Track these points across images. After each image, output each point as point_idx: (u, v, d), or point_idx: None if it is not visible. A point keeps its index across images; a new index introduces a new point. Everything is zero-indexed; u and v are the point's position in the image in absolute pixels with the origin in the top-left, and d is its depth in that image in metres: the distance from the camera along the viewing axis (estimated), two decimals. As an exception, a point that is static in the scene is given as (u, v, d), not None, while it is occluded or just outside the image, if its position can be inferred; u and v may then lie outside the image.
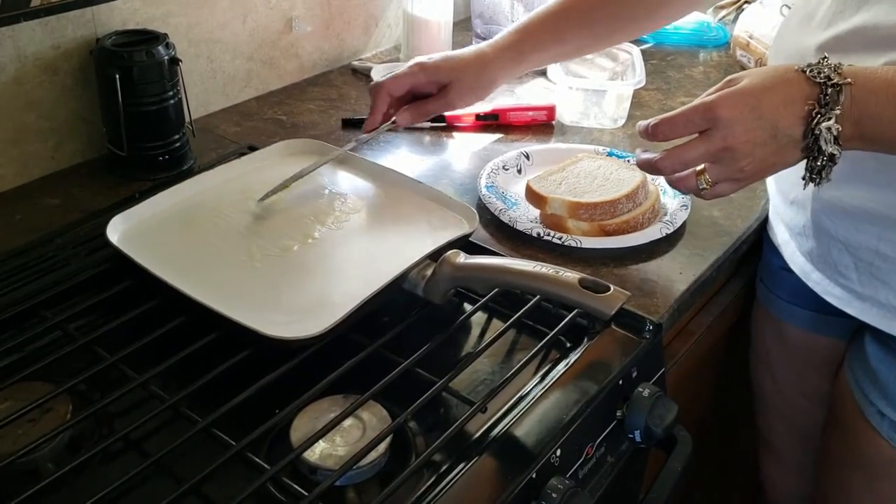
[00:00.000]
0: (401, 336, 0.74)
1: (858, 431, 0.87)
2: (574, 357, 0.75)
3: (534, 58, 0.97)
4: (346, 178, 0.95)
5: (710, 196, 0.72)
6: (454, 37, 1.40)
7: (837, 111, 0.64)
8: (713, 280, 0.90)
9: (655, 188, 0.96)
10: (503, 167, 1.04)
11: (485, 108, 1.19)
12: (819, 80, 0.65)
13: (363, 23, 1.38)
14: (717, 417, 1.20)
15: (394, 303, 0.78)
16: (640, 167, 0.75)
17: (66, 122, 1.01)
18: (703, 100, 0.69)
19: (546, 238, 0.90)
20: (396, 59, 1.39)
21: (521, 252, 0.90)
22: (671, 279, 0.86)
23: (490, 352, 0.75)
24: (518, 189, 1.00)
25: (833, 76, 0.65)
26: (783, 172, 0.72)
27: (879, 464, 0.86)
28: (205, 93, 1.17)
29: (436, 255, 0.76)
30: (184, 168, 1.03)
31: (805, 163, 0.67)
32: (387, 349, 0.72)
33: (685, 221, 0.94)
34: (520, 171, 1.05)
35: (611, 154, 1.05)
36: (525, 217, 0.94)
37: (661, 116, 0.71)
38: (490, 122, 1.18)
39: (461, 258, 0.74)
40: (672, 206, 0.96)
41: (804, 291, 0.91)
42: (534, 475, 0.63)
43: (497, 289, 0.79)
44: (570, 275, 0.69)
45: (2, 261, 0.83)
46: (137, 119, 0.97)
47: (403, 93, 0.93)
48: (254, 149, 1.01)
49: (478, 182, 1.00)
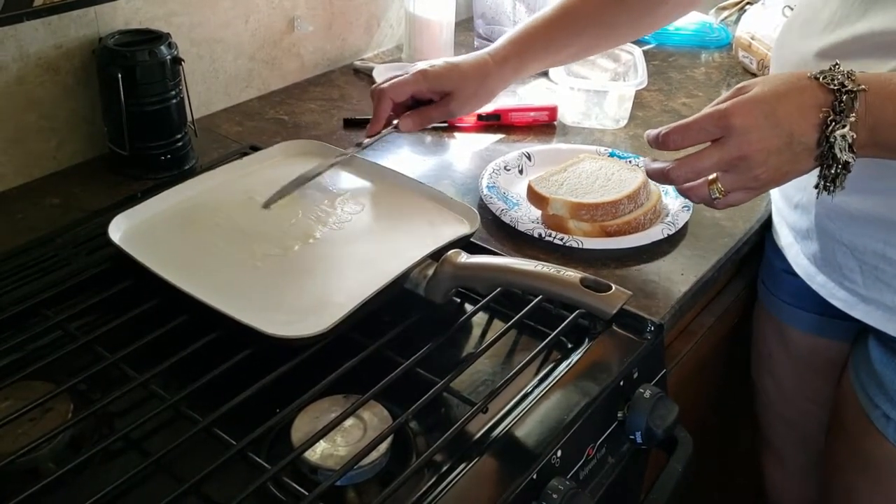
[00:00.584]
0: (402, 336, 0.74)
1: (863, 435, 0.87)
2: (575, 358, 0.75)
3: (534, 66, 0.98)
4: (348, 179, 0.95)
5: (724, 205, 0.71)
6: (456, 37, 1.40)
7: (852, 118, 0.63)
8: (714, 281, 0.90)
9: (657, 189, 0.96)
10: (504, 167, 1.04)
11: (486, 109, 1.19)
12: (833, 87, 0.64)
13: (365, 23, 1.39)
14: (719, 418, 1.20)
15: (395, 302, 0.78)
16: (651, 177, 0.73)
17: (68, 122, 1.01)
18: (717, 107, 0.67)
19: (547, 239, 0.90)
20: (398, 59, 1.39)
21: (523, 252, 0.90)
22: (672, 280, 0.86)
23: (491, 352, 0.75)
24: (519, 189, 1.00)
25: (847, 83, 0.64)
26: None
27: (885, 466, 0.86)
28: (207, 92, 1.17)
29: (437, 255, 0.76)
30: (185, 168, 1.03)
31: (819, 171, 0.66)
32: (388, 349, 0.72)
33: (687, 222, 0.94)
34: (521, 172, 1.05)
35: (612, 155, 1.05)
36: (526, 217, 0.94)
37: (673, 125, 0.69)
38: (492, 123, 1.18)
39: (462, 258, 0.74)
40: (674, 207, 0.96)
41: (807, 294, 0.91)
42: (534, 476, 0.63)
43: (498, 289, 0.79)
44: (572, 274, 0.69)
45: (3, 260, 0.83)
46: (139, 118, 0.98)
47: (405, 99, 0.93)
48: (256, 149, 1.01)
49: (479, 182, 1.00)
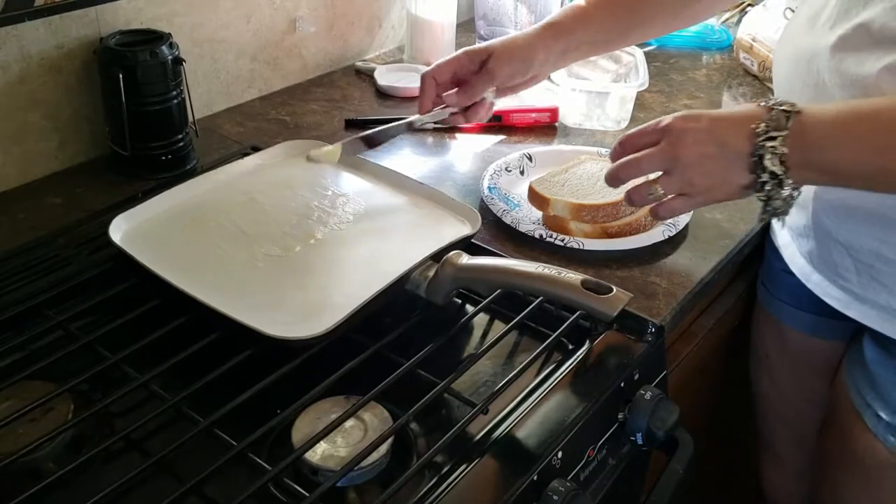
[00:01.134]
0: (403, 337, 0.74)
1: (855, 434, 0.87)
2: (576, 359, 0.75)
3: (573, 39, 0.94)
4: (349, 179, 0.95)
5: (665, 212, 0.74)
6: (457, 38, 1.40)
7: (784, 133, 0.65)
8: (715, 283, 0.90)
9: None
10: (506, 168, 1.04)
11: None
12: (769, 106, 0.67)
13: (367, 24, 1.39)
14: (719, 420, 1.20)
15: (396, 304, 0.78)
16: (606, 181, 0.77)
17: (70, 122, 1.01)
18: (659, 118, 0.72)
19: (549, 240, 0.90)
20: (400, 61, 1.39)
21: (524, 253, 0.90)
22: (673, 281, 0.86)
23: (492, 353, 0.75)
24: (521, 190, 1.00)
25: (785, 105, 0.67)
26: None
27: (874, 466, 0.86)
28: (208, 93, 1.17)
29: (438, 256, 0.76)
30: (187, 168, 1.03)
31: (755, 184, 0.68)
32: (389, 350, 0.72)
33: (688, 224, 0.94)
34: (522, 173, 1.05)
35: None
36: (528, 218, 0.94)
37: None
38: (493, 124, 1.18)
39: (463, 259, 0.74)
40: None
41: (804, 294, 0.91)
42: (535, 477, 0.63)
43: (499, 290, 0.79)
44: (573, 276, 0.69)
45: (4, 260, 0.83)
46: (141, 119, 0.98)
47: (448, 77, 0.93)
48: (257, 149, 1.01)
49: (480, 183, 1.00)
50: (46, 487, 0.58)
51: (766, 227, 0.98)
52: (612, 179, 0.75)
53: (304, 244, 0.83)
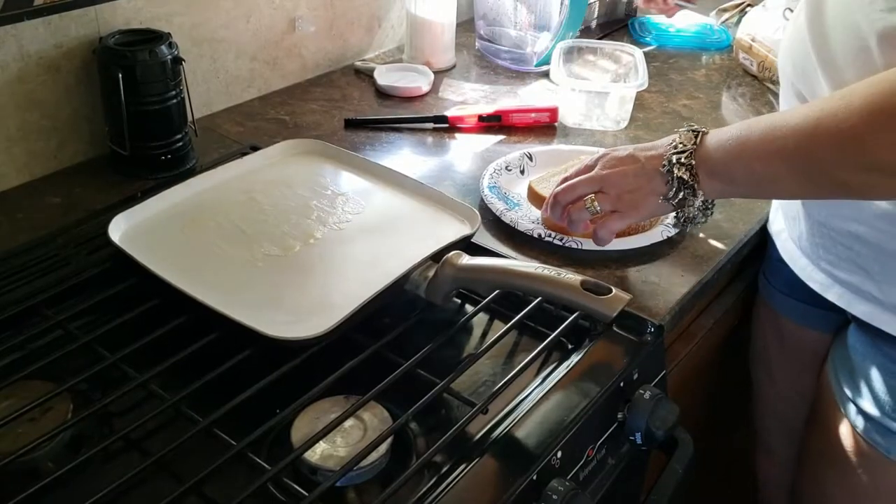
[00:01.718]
0: (402, 337, 0.74)
1: (835, 426, 0.87)
2: (575, 359, 0.75)
3: None
4: (349, 179, 0.95)
5: (604, 233, 0.83)
6: (457, 38, 1.40)
7: (691, 148, 0.77)
8: (714, 282, 0.90)
9: None
10: (506, 167, 1.04)
11: (487, 110, 1.19)
12: (681, 131, 0.79)
13: (366, 23, 1.39)
14: (719, 420, 1.20)
15: (395, 304, 0.78)
16: (548, 210, 0.87)
17: (69, 121, 1.01)
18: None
19: (548, 240, 0.90)
20: (399, 60, 1.39)
21: (523, 253, 0.90)
22: (673, 281, 0.86)
23: (491, 353, 0.75)
24: (521, 190, 1.00)
25: (695, 127, 0.78)
26: None
27: (853, 459, 0.86)
28: (207, 92, 1.17)
29: (437, 257, 0.76)
30: (186, 167, 1.03)
31: (671, 194, 0.78)
32: (388, 350, 0.72)
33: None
34: (522, 172, 1.05)
35: None
36: (527, 218, 0.94)
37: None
38: (492, 124, 1.18)
39: (463, 259, 0.74)
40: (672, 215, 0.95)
41: (796, 282, 0.91)
42: (534, 477, 0.63)
43: (498, 290, 0.79)
44: (572, 277, 0.69)
45: (3, 259, 0.83)
46: (140, 118, 0.97)
47: None
48: (256, 149, 1.01)
49: (480, 182, 1.00)
50: (45, 487, 0.58)
51: (765, 228, 0.98)
52: (553, 206, 0.85)
53: (304, 244, 0.83)
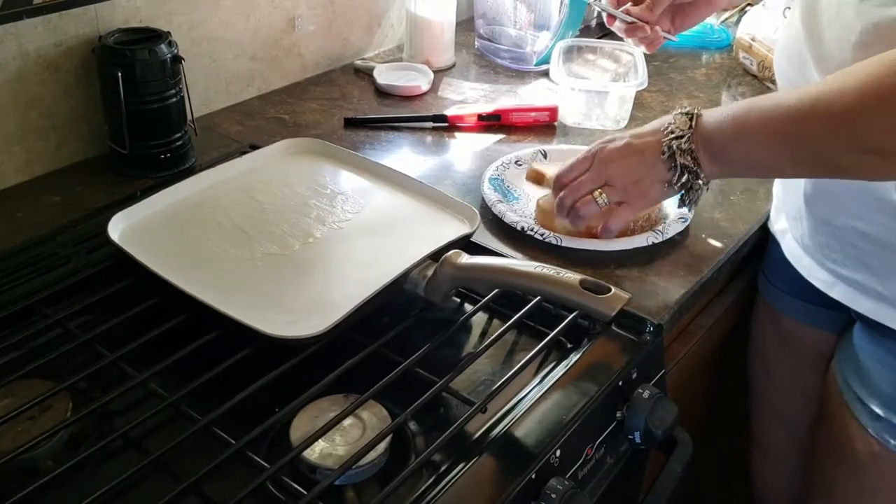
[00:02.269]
0: (401, 336, 0.74)
1: (843, 424, 0.87)
2: (574, 358, 0.75)
3: None
4: (348, 178, 0.95)
5: (615, 223, 0.84)
6: (457, 37, 1.40)
7: (688, 132, 0.77)
8: (714, 282, 0.90)
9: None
10: (515, 162, 1.04)
11: (487, 109, 1.19)
12: (673, 114, 0.78)
13: (366, 22, 1.38)
14: (718, 419, 1.20)
15: (394, 303, 0.78)
16: (556, 213, 0.87)
17: (68, 120, 1.01)
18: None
19: (541, 238, 0.90)
20: (399, 59, 1.39)
21: (523, 252, 0.90)
22: (672, 281, 0.86)
23: (490, 352, 0.75)
24: (527, 185, 1.01)
25: (687, 109, 0.78)
26: None
27: (863, 457, 0.86)
28: (207, 91, 1.17)
29: (437, 256, 0.76)
30: (185, 166, 1.03)
31: (675, 177, 0.78)
32: (387, 349, 0.72)
33: (688, 225, 0.94)
34: None
35: None
36: (516, 212, 0.94)
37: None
38: (492, 123, 1.18)
39: (462, 258, 0.74)
40: (671, 216, 0.95)
41: (798, 280, 0.91)
42: (533, 476, 0.63)
43: (498, 289, 0.79)
44: (571, 276, 0.69)
45: (3, 258, 0.83)
46: (139, 117, 0.97)
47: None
48: (255, 148, 1.01)
49: (483, 174, 1.00)
50: (44, 485, 0.58)
51: (765, 227, 0.98)
52: (560, 208, 0.85)
53: (303, 243, 0.83)
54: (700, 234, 0.94)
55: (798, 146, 0.70)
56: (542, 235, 0.90)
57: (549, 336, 0.75)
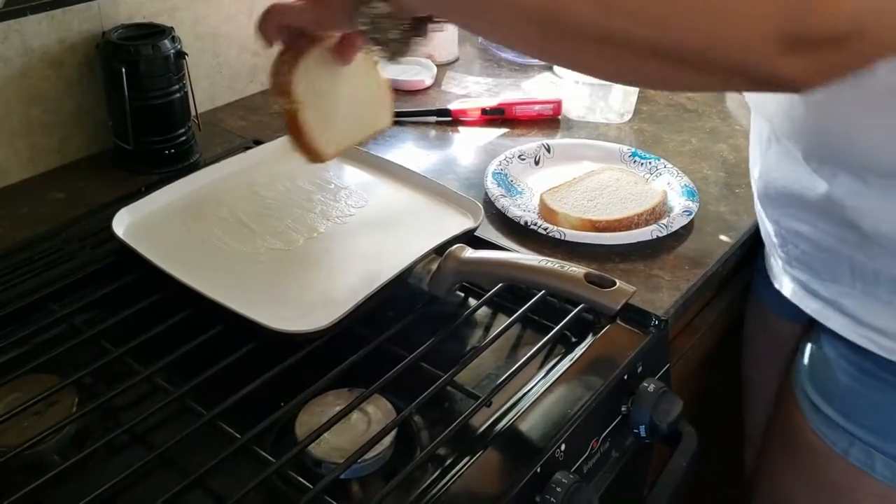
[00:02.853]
0: (406, 330, 0.74)
1: (790, 415, 0.88)
2: (579, 352, 0.75)
3: None
4: (352, 173, 0.95)
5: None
6: (460, 31, 1.39)
7: None
8: (719, 275, 0.90)
9: (663, 192, 0.96)
10: (519, 156, 1.04)
11: (491, 103, 1.19)
12: None
13: (369, 17, 1.38)
14: (722, 413, 1.20)
15: (399, 297, 0.78)
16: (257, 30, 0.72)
17: (72, 116, 1.01)
18: None
19: (544, 232, 0.90)
20: (402, 54, 1.39)
21: (526, 247, 0.89)
22: (677, 275, 0.86)
23: (495, 346, 0.75)
24: (531, 180, 1.00)
25: None
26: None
27: (801, 448, 0.87)
28: (211, 87, 1.17)
29: (441, 250, 0.76)
30: (189, 162, 1.03)
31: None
32: (392, 343, 0.72)
33: (693, 218, 0.94)
34: (537, 163, 1.05)
35: (634, 155, 1.04)
36: (520, 206, 0.94)
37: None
38: (496, 117, 1.18)
39: (466, 253, 0.74)
40: (676, 210, 0.95)
41: None
42: (538, 469, 0.63)
43: (502, 283, 0.79)
44: (576, 269, 0.69)
45: (8, 254, 0.83)
46: (143, 113, 0.98)
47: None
48: (259, 143, 1.01)
49: (488, 168, 1.00)
50: (51, 480, 0.59)
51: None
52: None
53: (307, 237, 0.83)
54: (705, 228, 0.94)
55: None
56: (546, 230, 0.90)
57: (554, 330, 0.75)
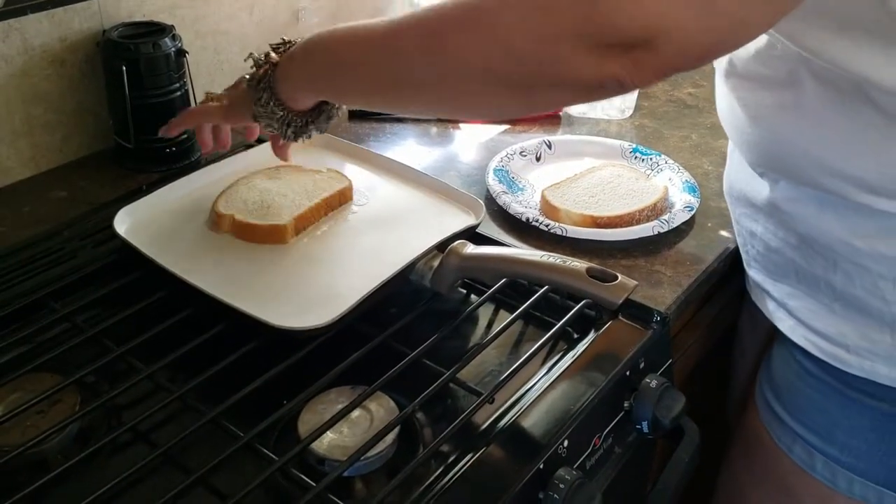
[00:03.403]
0: (408, 327, 0.74)
1: (747, 407, 0.88)
2: (581, 348, 0.75)
3: None
4: (353, 170, 0.95)
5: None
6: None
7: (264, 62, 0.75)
8: (721, 271, 0.90)
9: (664, 188, 0.96)
10: (520, 153, 1.04)
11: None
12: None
13: (370, 14, 1.38)
14: (725, 409, 1.20)
15: (401, 294, 0.78)
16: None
17: (73, 115, 1.01)
18: None
19: (545, 228, 0.90)
20: (403, 51, 1.39)
21: (528, 243, 0.89)
22: (679, 270, 0.86)
23: (497, 343, 0.75)
24: (532, 176, 1.00)
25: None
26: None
27: (751, 440, 0.87)
28: (212, 85, 1.16)
29: (443, 246, 0.76)
30: (191, 160, 1.03)
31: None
32: (394, 340, 0.72)
33: (694, 214, 0.93)
34: (538, 159, 1.05)
35: (636, 151, 1.04)
36: (522, 203, 0.94)
37: None
38: (497, 114, 1.18)
39: (468, 249, 0.74)
40: (677, 206, 0.95)
41: None
42: (541, 466, 0.63)
43: (504, 279, 0.79)
44: (578, 264, 0.69)
45: (10, 253, 0.83)
46: (144, 111, 0.97)
47: None
48: (261, 141, 1.00)
49: (488, 165, 1.00)
50: (54, 479, 0.59)
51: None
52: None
53: (310, 235, 0.83)
54: (706, 223, 0.94)
55: (385, 56, 0.64)
56: (548, 226, 0.90)
57: (556, 326, 0.75)
